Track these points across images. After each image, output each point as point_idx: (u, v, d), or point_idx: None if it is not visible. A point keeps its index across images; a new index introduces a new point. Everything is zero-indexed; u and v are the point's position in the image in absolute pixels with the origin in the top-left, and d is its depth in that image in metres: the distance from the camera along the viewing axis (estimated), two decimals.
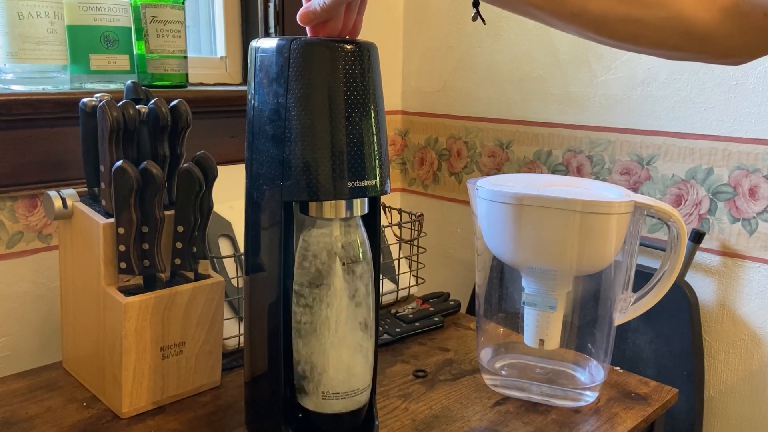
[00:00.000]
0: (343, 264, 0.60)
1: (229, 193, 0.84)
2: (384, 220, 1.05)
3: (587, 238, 0.71)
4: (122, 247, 0.70)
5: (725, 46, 0.53)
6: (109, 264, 0.70)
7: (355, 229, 0.61)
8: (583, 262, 0.73)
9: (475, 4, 0.60)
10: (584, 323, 0.78)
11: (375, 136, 0.58)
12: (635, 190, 1.07)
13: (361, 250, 0.62)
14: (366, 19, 0.61)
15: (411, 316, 0.98)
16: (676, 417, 0.99)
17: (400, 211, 1.10)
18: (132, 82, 0.77)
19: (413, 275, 1.10)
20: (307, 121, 0.55)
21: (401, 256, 1.08)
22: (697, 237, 0.99)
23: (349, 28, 0.59)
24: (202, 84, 1.11)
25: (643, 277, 0.81)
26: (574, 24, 0.54)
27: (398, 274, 1.06)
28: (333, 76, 0.55)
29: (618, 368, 0.86)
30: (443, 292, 1.08)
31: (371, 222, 0.64)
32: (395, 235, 1.09)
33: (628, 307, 0.78)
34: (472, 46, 1.25)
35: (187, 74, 0.99)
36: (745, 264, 0.98)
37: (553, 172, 1.17)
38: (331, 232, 0.60)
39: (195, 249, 0.74)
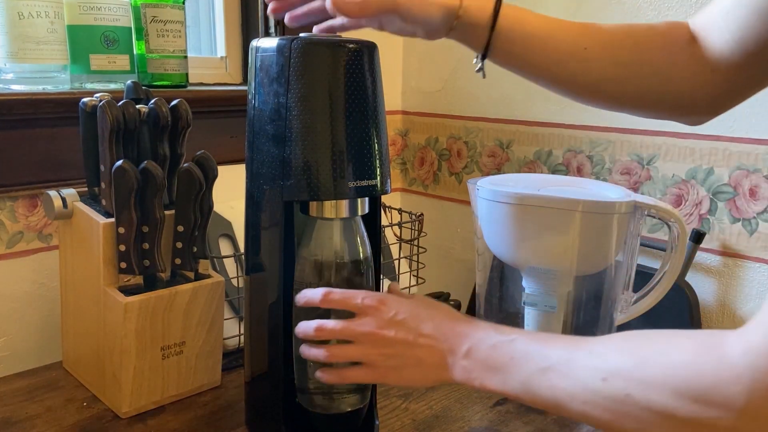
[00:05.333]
0: (344, 264, 0.60)
1: (229, 193, 0.84)
2: (384, 220, 1.05)
3: (587, 238, 0.71)
4: (122, 247, 0.70)
5: None
6: (109, 264, 0.70)
7: (356, 229, 0.61)
8: (584, 262, 0.73)
9: (483, 57, 0.59)
10: (584, 323, 0.78)
11: (375, 136, 0.58)
12: (635, 190, 1.06)
13: (361, 250, 0.61)
14: None
15: None
16: None
17: (400, 211, 1.10)
18: (132, 82, 0.77)
19: (413, 275, 1.10)
20: (307, 120, 0.55)
21: (401, 256, 1.07)
22: (697, 237, 0.99)
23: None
24: (202, 84, 1.11)
25: (643, 277, 0.81)
26: None
27: (398, 274, 1.06)
28: (333, 75, 0.55)
29: None
30: (443, 292, 1.08)
31: (371, 222, 0.64)
32: (395, 235, 1.09)
33: (628, 307, 0.78)
34: None
35: (187, 74, 0.99)
36: (745, 264, 0.98)
37: (554, 172, 1.17)
38: (332, 232, 0.60)
39: (195, 249, 0.74)
